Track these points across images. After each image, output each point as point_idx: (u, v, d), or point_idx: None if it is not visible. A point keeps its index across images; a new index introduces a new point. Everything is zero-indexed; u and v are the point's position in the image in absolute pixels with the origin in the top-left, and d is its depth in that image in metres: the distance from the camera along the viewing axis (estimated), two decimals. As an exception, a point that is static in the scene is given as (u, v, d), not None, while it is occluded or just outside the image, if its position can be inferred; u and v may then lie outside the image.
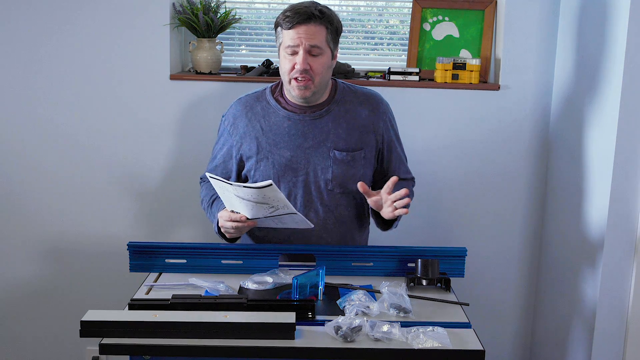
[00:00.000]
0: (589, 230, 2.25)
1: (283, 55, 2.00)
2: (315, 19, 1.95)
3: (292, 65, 1.97)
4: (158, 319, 1.54)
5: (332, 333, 1.55)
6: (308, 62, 1.95)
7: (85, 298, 2.69)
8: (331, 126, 2.05)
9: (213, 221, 2.04)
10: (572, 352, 2.37)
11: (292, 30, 1.95)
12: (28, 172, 2.63)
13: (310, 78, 1.97)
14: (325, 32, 1.97)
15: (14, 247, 2.69)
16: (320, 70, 1.98)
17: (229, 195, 1.86)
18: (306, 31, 1.94)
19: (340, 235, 2.10)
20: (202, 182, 2.24)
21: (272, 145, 2.05)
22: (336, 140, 2.05)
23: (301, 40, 1.94)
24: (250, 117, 2.08)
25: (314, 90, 2.00)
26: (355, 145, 2.07)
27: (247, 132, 2.08)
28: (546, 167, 2.65)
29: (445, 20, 2.66)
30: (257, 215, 1.87)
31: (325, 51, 1.98)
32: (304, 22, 1.94)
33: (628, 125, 2.07)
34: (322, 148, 2.04)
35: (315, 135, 2.05)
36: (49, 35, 2.53)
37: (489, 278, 2.73)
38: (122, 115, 2.59)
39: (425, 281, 1.84)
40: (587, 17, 2.32)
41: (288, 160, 2.04)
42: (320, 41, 1.96)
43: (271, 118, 2.07)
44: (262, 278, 1.87)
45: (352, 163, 2.06)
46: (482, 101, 2.60)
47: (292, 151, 2.04)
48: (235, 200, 1.85)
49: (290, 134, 2.05)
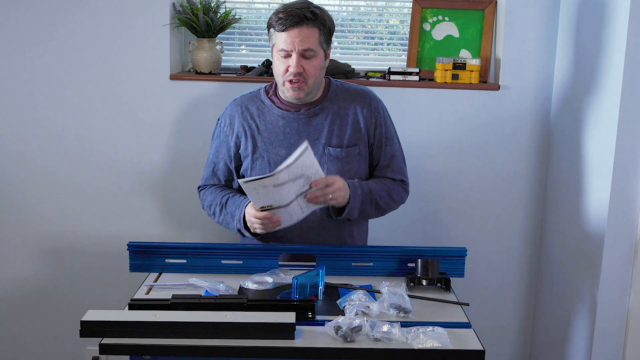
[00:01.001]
0: (589, 230, 2.25)
1: (276, 57, 2.01)
2: (308, 21, 1.95)
3: (286, 68, 1.98)
4: (158, 319, 1.54)
5: (332, 333, 1.55)
6: (301, 65, 1.96)
7: (85, 298, 2.68)
8: (325, 123, 2.07)
9: (233, 219, 2.03)
10: (572, 352, 2.37)
11: (284, 33, 1.96)
12: (28, 172, 2.63)
13: (304, 80, 1.98)
14: (318, 34, 1.98)
15: (14, 247, 2.69)
16: (314, 72, 1.99)
17: (265, 192, 1.83)
18: (299, 34, 1.95)
19: (338, 232, 2.11)
20: (201, 189, 2.22)
21: (268, 144, 2.07)
22: (330, 137, 2.07)
23: (294, 45, 1.95)
24: (245, 116, 2.10)
25: (308, 91, 2.02)
26: (349, 142, 2.08)
27: (243, 132, 2.10)
28: (546, 167, 2.65)
29: (445, 20, 2.66)
30: (290, 199, 1.87)
31: (319, 53, 2.00)
32: (297, 25, 1.94)
33: (628, 125, 2.07)
34: (316, 145, 2.05)
35: (309, 133, 2.06)
36: (49, 35, 2.53)
37: (489, 278, 2.73)
38: (122, 115, 2.59)
39: (425, 281, 1.84)
40: (586, 17, 2.32)
41: (283, 158, 2.03)
42: (313, 44, 1.97)
43: (266, 117, 2.09)
44: (262, 278, 1.87)
45: (347, 159, 2.07)
46: (482, 101, 2.60)
47: (288, 149, 2.04)
48: (271, 192, 1.83)
49: (285, 132, 2.06)
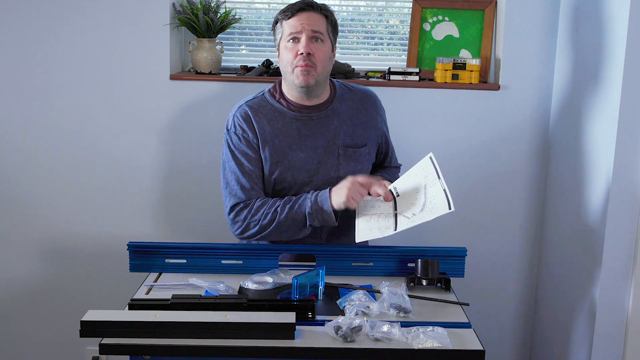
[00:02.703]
0: (589, 230, 2.25)
1: (284, 47, 2.01)
2: (316, 8, 2.00)
3: (295, 53, 1.97)
4: (158, 319, 1.53)
5: (332, 333, 1.54)
6: (311, 48, 1.96)
7: (85, 298, 2.69)
8: (337, 124, 2.07)
9: (304, 203, 1.94)
10: (572, 352, 2.37)
11: (293, 18, 1.98)
12: (28, 172, 2.63)
13: (313, 65, 1.97)
14: (325, 22, 2.01)
15: (14, 246, 2.69)
16: (323, 57, 1.99)
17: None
18: (308, 18, 1.98)
19: (349, 231, 2.10)
20: (239, 209, 2.00)
21: (286, 148, 2.03)
22: (344, 137, 2.07)
23: (303, 27, 1.97)
24: (257, 121, 2.04)
25: (317, 78, 1.99)
26: (360, 142, 2.09)
27: (262, 134, 2.03)
28: (546, 166, 2.65)
29: (445, 20, 2.66)
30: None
31: (327, 40, 2.01)
32: (305, 9, 1.99)
33: (628, 124, 2.07)
34: (331, 146, 2.05)
35: (324, 134, 2.05)
36: (49, 35, 2.53)
37: (489, 278, 2.73)
38: (122, 115, 2.59)
39: (425, 281, 1.84)
40: (586, 17, 2.32)
41: (302, 161, 2.04)
42: (322, 28, 1.99)
43: (279, 121, 2.05)
44: (262, 278, 1.87)
45: (359, 159, 2.09)
46: (482, 101, 2.60)
47: (305, 152, 2.04)
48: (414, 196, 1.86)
49: (301, 134, 2.04)
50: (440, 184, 1.84)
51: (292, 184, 2.04)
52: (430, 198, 1.83)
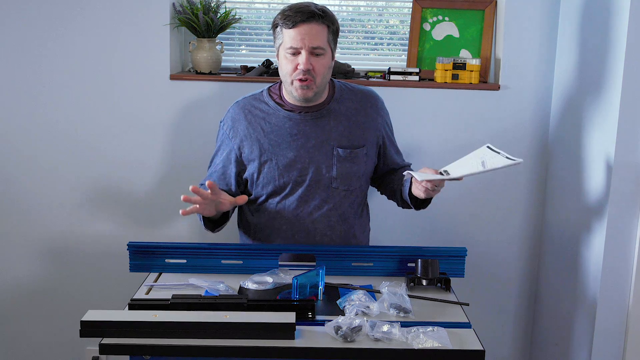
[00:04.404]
0: (589, 230, 2.25)
1: (283, 56, 1.98)
2: (317, 17, 1.94)
3: (295, 66, 1.96)
4: (158, 319, 1.54)
5: (332, 333, 1.55)
6: (310, 63, 1.95)
7: (85, 298, 2.69)
8: (332, 124, 2.06)
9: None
10: (572, 351, 2.37)
11: (293, 30, 1.94)
12: (28, 171, 2.63)
13: (312, 79, 1.96)
14: (326, 32, 1.97)
15: (14, 246, 2.69)
16: (322, 70, 1.98)
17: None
18: (309, 31, 1.93)
19: (343, 233, 2.10)
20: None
21: (275, 147, 2.05)
22: (339, 138, 2.06)
23: (304, 42, 1.93)
24: (249, 119, 2.08)
25: (316, 90, 2.00)
26: (357, 143, 2.08)
27: (248, 135, 2.07)
28: (546, 167, 2.65)
29: (445, 20, 2.66)
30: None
31: (327, 51, 1.98)
32: (306, 21, 1.93)
33: (628, 125, 2.07)
34: (325, 147, 2.05)
35: (317, 135, 2.05)
36: (49, 36, 2.53)
37: (489, 278, 2.73)
38: (122, 115, 2.59)
39: (425, 281, 1.84)
40: (587, 17, 2.32)
41: (292, 160, 2.04)
42: (322, 41, 1.96)
43: (272, 119, 2.06)
44: (262, 278, 1.87)
45: (355, 160, 2.07)
46: (482, 101, 2.60)
47: (295, 151, 2.04)
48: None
49: (292, 134, 2.05)
50: (502, 155, 1.83)
51: (283, 183, 2.05)
52: (491, 166, 1.81)
